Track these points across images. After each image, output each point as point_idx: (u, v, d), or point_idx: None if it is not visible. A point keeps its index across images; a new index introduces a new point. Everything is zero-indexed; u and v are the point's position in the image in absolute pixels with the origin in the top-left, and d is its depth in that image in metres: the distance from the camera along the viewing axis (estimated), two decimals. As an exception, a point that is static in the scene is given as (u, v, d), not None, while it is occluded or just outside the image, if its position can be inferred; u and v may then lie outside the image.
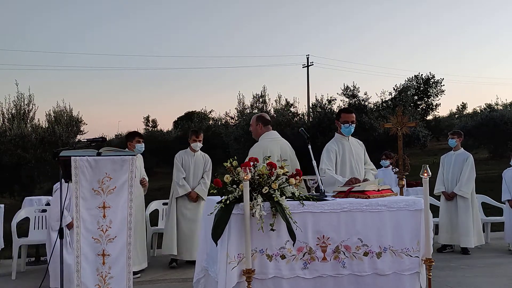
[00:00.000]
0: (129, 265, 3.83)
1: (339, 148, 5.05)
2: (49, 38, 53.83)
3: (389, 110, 19.76)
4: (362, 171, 5.10)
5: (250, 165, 3.50)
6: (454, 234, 7.19)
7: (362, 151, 5.21)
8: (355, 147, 5.14)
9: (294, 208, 3.49)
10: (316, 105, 22.02)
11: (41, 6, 53.13)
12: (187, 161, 6.80)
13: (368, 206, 3.66)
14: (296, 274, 3.51)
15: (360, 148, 5.20)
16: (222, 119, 27.13)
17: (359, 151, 5.17)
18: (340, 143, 5.09)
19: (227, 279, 3.35)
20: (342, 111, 5.22)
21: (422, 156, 24.99)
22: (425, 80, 34.45)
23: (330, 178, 4.76)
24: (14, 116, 19.40)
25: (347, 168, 5.02)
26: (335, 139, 5.15)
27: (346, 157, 5.04)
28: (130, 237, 3.83)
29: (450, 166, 7.38)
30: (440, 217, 7.45)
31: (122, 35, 57.91)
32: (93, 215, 3.76)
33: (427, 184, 3.63)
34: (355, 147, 5.15)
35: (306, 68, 34.24)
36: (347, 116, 5.05)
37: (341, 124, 5.05)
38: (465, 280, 5.51)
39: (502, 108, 29.65)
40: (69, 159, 3.75)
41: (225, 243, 3.38)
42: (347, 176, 4.92)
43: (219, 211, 3.38)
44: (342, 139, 5.12)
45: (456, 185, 7.23)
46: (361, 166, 5.12)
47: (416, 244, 3.71)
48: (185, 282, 5.66)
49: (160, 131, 29.33)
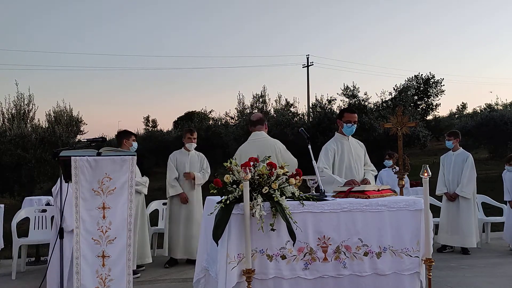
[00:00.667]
0: (129, 266, 3.82)
1: (338, 148, 5.05)
2: (49, 38, 53.84)
3: (389, 110, 19.76)
4: (361, 171, 5.09)
5: (250, 165, 3.50)
6: (455, 235, 7.18)
7: (362, 152, 5.21)
8: (354, 147, 5.13)
9: (294, 208, 3.49)
10: (316, 105, 22.02)
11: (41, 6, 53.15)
12: (182, 161, 6.79)
13: (368, 206, 3.66)
14: (297, 274, 3.51)
15: (360, 149, 5.20)
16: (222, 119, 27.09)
17: (359, 151, 5.16)
18: (340, 143, 5.08)
19: (227, 279, 3.35)
20: (345, 110, 5.20)
21: (422, 156, 24.98)
22: (425, 80, 34.41)
23: (328, 178, 4.76)
24: (14, 116, 19.42)
25: (344, 167, 5.01)
26: (335, 138, 5.15)
27: (344, 157, 5.03)
28: (130, 238, 3.82)
29: (450, 167, 7.37)
30: (441, 217, 7.44)
31: (122, 35, 57.93)
32: (92, 216, 3.75)
33: (427, 184, 3.63)
34: (355, 147, 5.14)
35: (306, 68, 34.27)
36: (350, 116, 5.05)
37: (344, 124, 5.04)
38: (465, 280, 5.51)
39: (502, 108, 29.65)
40: (69, 159, 3.75)
41: (225, 243, 3.37)
42: (343, 175, 4.92)
43: (219, 211, 3.38)
44: (342, 138, 5.12)
45: (458, 186, 7.23)
46: (360, 166, 5.11)
47: (416, 244, 3.70)
48: (185, 282, 5.66)
49: (160, 131, 29.31)
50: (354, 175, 4.97)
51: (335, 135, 5.20)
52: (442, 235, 7.31)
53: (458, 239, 7.15)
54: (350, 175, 4.96)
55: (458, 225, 7.15)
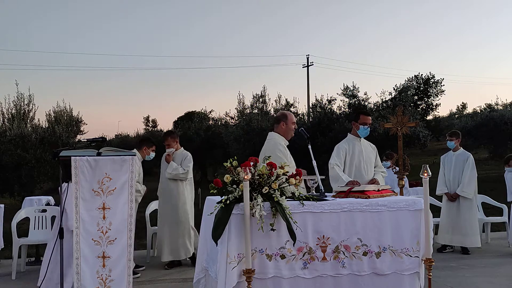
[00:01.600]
0: (129, 267, 3.82)
1: (349, 148, 5.19)
2: (49, 38, 53.90)
3: (389, 110, 19.71)
4: (370, 173, 5.21)
5: (250, 165, 3.50)
6: (456, 234, 7.18)
7: (374, 154, 5.35)
8: (366, 149, 5.27)
9: (294, 208, 3.50)
10: (316, 105, 21.98)
11: (41, 6, 53.17)
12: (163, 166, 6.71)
13: (368, 206, 3.66)
14: (296, 274, 3.51)
15: (371, 151, 5.35)
16: (222, 119, 27.07)
17: (369, 153, 5.29)
18: (352, 144, 5.23)
19: (227, 279, 3.35)
20: (361, 112, 5.35)
21: (422, 156, 25.00)
22: (425, 80, 34.39)
23: (335, 175, 4.91)
24: (14, 116, 19.42)
25: (354, 168, 5.15)
26: (347, 139, 5.30)
27: (355, 158, 5.17)
28: (130, 238, 3.81)
29: (451, 167, 7.36)
30: (441, 217, 7.43)
31: (122, 35, 57.96)
32: (93, 216, 3.74)
33: (427, 184, 3.63)
34: (366, 149, 5.28)
35: (306, 68, 34.24)
36: (366, 119, 5.24)
37: (360, 125, 5.21)
38: (465, 280, 5.51)
39: (502, 108, 29.64)
40: (69, 159, 3.75)
41: (225, 243, 3.38)
42: (352, 176, 5.03)
43: (219, 211, 3.38)
44: (354, 140, 5.27)
45: (458, 186, 7.23)
46: (370, 168, 5.24)
47: (416, 244, 3.71)
48: (185, 282, 5.66)
49: (160, 131, 29.32)
50: (363, 175, 5.09)
51: (347, 136, 5.33)
52: (443, 235, 7.31)
53: (459, 238, 7.15)
54: (359, 175, 5.08)
55: (459, 225, 7.15)
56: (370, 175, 5.18)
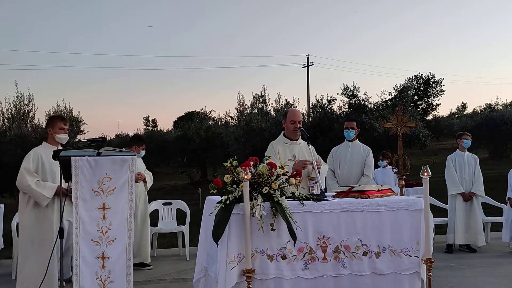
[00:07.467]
0: (129, 267, 3.81)
1: (338, 152, 5.95)
2: (49, 38, 53.83)
3: (389, 110, 19.69)
4: (355, 176, 5.76)
5: (250, 165, 3.50)
6: (469, 233, 7.24)
7: (362, 156, 5.81)
8: (353, 153, 5.85)
9: (294, 208, 3.49)
10: (316, 105, 21.96)
11: (42, 7, 53.12)
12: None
13: (368, 206, 3.66)
14: (297, 274, 3.51)
15: (359, 153, 5.83)
16: (222, 119, 27.08)
17: (356, 157, 5.82)
18: (342, 148, 5.97)
19: (226, 279, 3.35)
20: (346, 119, 6.32)
21: (422, 156, 25.02)
22: (425, 80, 34.40)
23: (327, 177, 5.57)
24: (14, 116, 19.43)
25: (339, 171, 5.89)
26: (342, 144, 6.03)
27: (340, 162, 5.88)
28: (130, 238, 3.80)
29: (465, 167, 7.37)
30: (456, 217, 7.30)
31: (122, 35, 57.94)
32: (92, 216, 3.72)
33: (427, 184, 3.63)
34: (354, 153, 5.85)
35: (306, 68, 34.20)
36: (348, 123, 5.99)
37: (344, 130, 5.97)
38: (465, 280, 5.51)
39: (502, 108, 29.66)
40: (69, 159, 3.75)
41: (225, 243, 3.37)
42: (338, 178, 5.83)
43: (219, 211, 3.38)
44: (345, 144, 5.98)
45: (473, 186, 7.31)
46: (356, 172, 5.78)
47: (416, 244, 3.71)
48: (185, 282, 5.65)
49: (160, 131, 29.31)
50: (349, 178, 5.76)
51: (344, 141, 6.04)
52: (459, 235, 7.22)
53: (472, 237, 7.20)
54: (346, 179, 5.76)
55: (472, 224, 7.23)
56: (356, 177, 5.75)
